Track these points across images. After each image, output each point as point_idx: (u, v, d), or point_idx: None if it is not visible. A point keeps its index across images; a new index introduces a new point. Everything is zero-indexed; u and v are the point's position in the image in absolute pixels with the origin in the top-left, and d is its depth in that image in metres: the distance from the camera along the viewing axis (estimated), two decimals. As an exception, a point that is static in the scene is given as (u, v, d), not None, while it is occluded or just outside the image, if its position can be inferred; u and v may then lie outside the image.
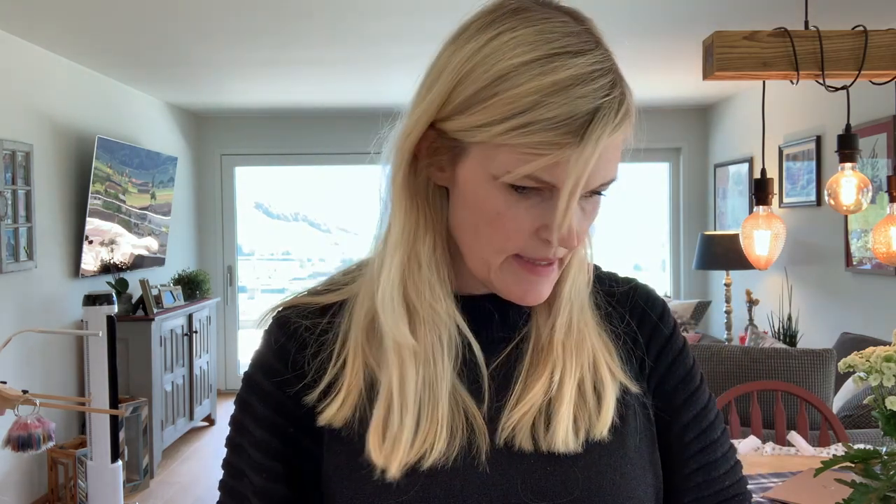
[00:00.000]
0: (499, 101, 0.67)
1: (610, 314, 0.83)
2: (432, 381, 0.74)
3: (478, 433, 0.74)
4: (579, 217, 0.72)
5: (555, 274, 0.76)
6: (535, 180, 0.69)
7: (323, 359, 0.78)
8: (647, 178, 7.06)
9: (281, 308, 0.83)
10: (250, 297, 7.87)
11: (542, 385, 0.75)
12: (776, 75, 2.17)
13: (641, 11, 3.73)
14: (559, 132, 0.66)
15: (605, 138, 0.67)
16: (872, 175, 4.01)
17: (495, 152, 0.69)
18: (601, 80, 0.68)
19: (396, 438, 0.72)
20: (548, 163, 0.67)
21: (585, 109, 0.67)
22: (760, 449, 2.40)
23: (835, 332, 4.35)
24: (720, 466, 0.85)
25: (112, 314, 3.41)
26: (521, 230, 0.71)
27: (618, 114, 0.68)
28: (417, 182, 0.76)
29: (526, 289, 0.75)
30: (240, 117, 6.85)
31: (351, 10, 3.66)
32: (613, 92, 0.69)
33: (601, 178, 0.71)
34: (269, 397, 0.79)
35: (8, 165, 3.90)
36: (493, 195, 0.71)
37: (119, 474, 3.41)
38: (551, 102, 0.66)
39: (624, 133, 0.71)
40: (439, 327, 0.75)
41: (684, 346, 0.86)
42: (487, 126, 0.68)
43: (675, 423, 0.83)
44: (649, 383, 0.83)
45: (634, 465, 0.78)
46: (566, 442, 0.74)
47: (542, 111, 0.66)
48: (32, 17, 3.71)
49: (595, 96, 0.67)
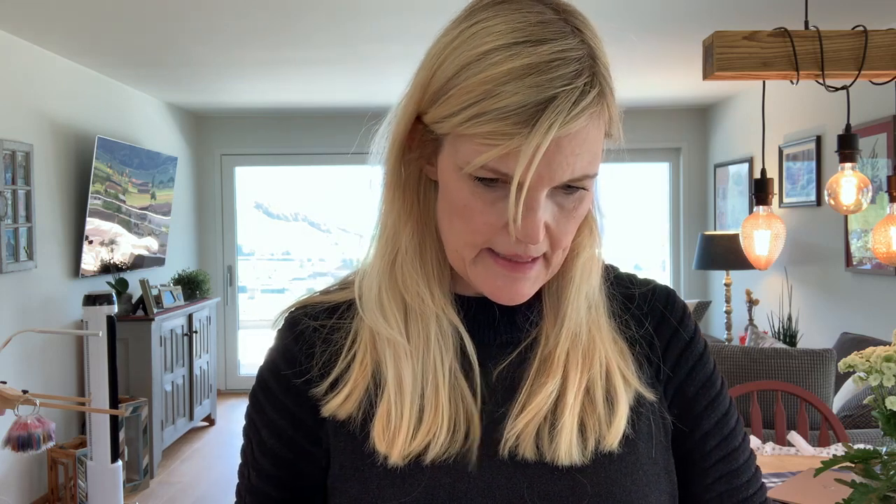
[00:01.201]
0: (459, 90, 0.67)
1: (626, 318, 0.80)
2: (429, 373, 0.74)
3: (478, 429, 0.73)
4: (553, 213, 0.70)
5: (536, 273, 0.72)
6: (492, 171, 0.67)
7: (331, 358, 0.78)
8: (647, 178, 7.07)
9: (294, 308, 0.83)
10: (250, 297, 7.86)
11: (546, 394, 0.73)
12: (776, 75, 2.17)
13: (641, 11, 3.73)
14: (509, 122, 0.64)
15: (556, 128, 0.64)
16: (872, 175, 4.00)
17: (459, 143, 0.68)
18: (562, 70, 0.65)
19: (397, 426, 0.72)
20: (500, 153, 0.65)
21: (538, 99, 0.64)
22: (760, 449, 2.40)
23: (835, 332, 4.35)
24: (742, 474, 0.82)
25: (112, 314, 3.41)
26: (490, 224, 0.69)
27: (577, 104, 0.65)
28: (409, 175, 0.76)
29: (499, 285, 0.72)
30: (240, 117, 6.85)
31: (350, 10, 3.66)
32: (576, 82, 0.65)
33: (569, 173, 0.67)
34: (274, 397, 0.80)
35: (8, 165, 3.90)
36: (461, 187, 0.69)
37: (119, 474, 3.41)
38: (503, 91, 0.64)
39: (592, 125, 0.67)
40: (430, 319, 0.75)
41: (705, 351, 0.82)
42: (450, 116, 0.67)
43: (696, 431, 0.80)
44: (667, 389, 0.80)
45: (647, 471, 0.75)
46: (569, 454, 0.72)
47: (493, 101, 0.65)
48: (32, 17, 3.71)
49: (551, 86, 0.64)
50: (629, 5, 3.63)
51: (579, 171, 0.68)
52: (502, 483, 0.72)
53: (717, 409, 0.81)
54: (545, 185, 0.67)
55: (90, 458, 3.40)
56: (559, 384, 0.74)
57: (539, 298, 0.78)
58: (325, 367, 0.78)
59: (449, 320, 0.76)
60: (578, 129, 0.66)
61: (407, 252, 0.76)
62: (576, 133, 0.66)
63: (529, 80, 0.64)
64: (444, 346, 0.75)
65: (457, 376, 0.75)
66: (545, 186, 0.67)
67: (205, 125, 6.90)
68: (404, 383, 0.73)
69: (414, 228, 0.76)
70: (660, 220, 7.05)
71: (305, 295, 0.85)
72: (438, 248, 0.77)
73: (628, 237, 7.23)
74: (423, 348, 0.74)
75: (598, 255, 0.78)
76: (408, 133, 0.74)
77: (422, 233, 0.76)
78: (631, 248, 7.30)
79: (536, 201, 0.67)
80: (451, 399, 0.74)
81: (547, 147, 0.65)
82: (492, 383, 0.76)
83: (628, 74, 5.15)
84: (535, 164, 0.65)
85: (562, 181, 0.68)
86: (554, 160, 0.66)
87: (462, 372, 0.75)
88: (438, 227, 0.76)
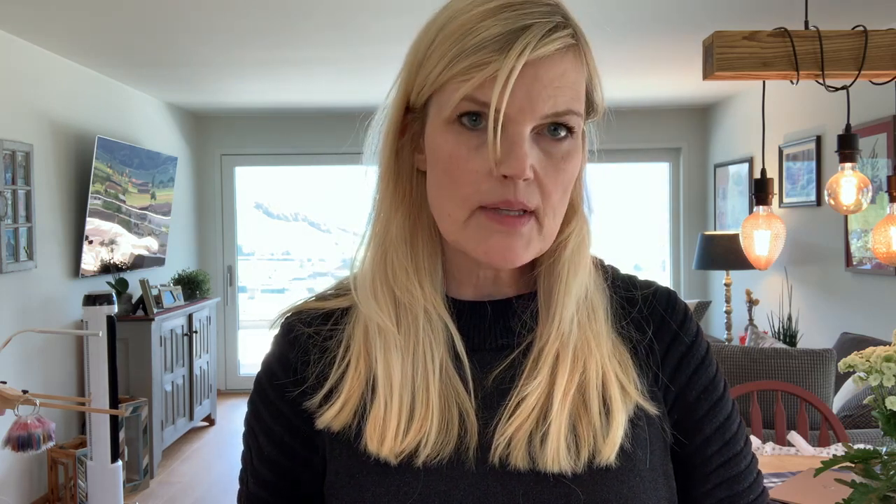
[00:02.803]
0: (438, 45, 0.69)
1: (626, 322, 0.79)
2: (419, 367, 0.73)
3: (471, 433, 0.72)
4: (540, 159, 0.69)
5: (528, 231, 0.70)
6: (472, 101, 0.68)
7: (325, 365, 0.78)
8: (647, 178, 7.07)
9: (290, 314, 0.83)
10: (250, 297, 7.86)
11: (534, 398, 0.72)
12: (776, 75, 2.17)
13: (642, 11, 3.73)
14: (487, 51, 0.66)
15: (529, 51, 0.66)
16: (872, 175, 4.01)
17: (441, 96, 0.70)
18: (535, 8, 0.68)
19: (387, 421, 0.72)
20: (478, 82, 0.67)
21: (513, 27, 0.67)
22: (760, 449, 2.40)
23: (835, 332, 4.35)
24: (743, 480, 0.81)
25: (112, 314, 3.41)
26: (476, 171, 0.69)
27: (551, 33, 0.67)
28: (401, 168, 0.77)
29: (492, 244, 0.70)
30: (240, 117, 6.85)
31: (350, 10, 3.66)
32: (550, 17, 0.68)
33: (552, 105, 0.68)
34: (271, 405, 0.80)
35: (8, 165, 3.90)
36: (447, 139, 0.70)
37: (119, 474, 3.41)
38: (480, 26, 0.67)
39: (570, 64, 0.69)
40: (418, 312, 0.74)
41: (707, 355, 0.81)
42: (432, 72, 0.70)
43: (697, 436, 0.79)
44: (667, 395, 0.78)
45: (644, 479, 0.74)
46: (556, 461, 0.70)
47: (470, 38, 0.67)
48: (32, 17, 3.71)
49: (525, 18, 0.67)
50: (629, 5, 3.63)
51: (562, 104, 0.69)
52: (497, 490, 0.71)
53: (718, 414, 0.80)
54: (528, 119, 0.68)
55: (90, 458, 3.40)
56: (546, 385, 0.72)
57: (534, 301, 0.77)
58: (320, 376, 0.78)
59: (438, 315, 0.75)
60: (556, 61, 0.68)
61: (397, 240, 0.76)
62: (553, 64, 0.68)
63: (504, 15, 0.67)
64: (433, 340, 0.74)
65: (449, 374, 0.74)
66: (528, 120, 0.68)
67: (205, 125, 6.90)
68: (394, 377, 0.73)
69: (405, 215, 0.76)
70: (660, 220, 7.05)
71: (303, 299, 0.84)
72: (430, 242, 0.77)
73: (628, 237, 7.23)
74: (412, 341, 0.74)
75: (587, 250, 0.78)
76: (399, 124, 0.75)
77: (413, 223, 0.76)
78: (631, 248, 7.30)
79: (520, 136, 0.68)
80: (441, 395, 0.73)
81: (524, 73, 0.66)
82: (486, 387, 0.75)
83: (628, 74, 5.15)
84: (509, 86, 0.65)
85: (544, 113, 0.68)
86: (533, 89, 0.67)
87: (455, 372, 0.74)
88: (430, 214, 0.76)
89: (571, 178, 0.72)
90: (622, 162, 6.77)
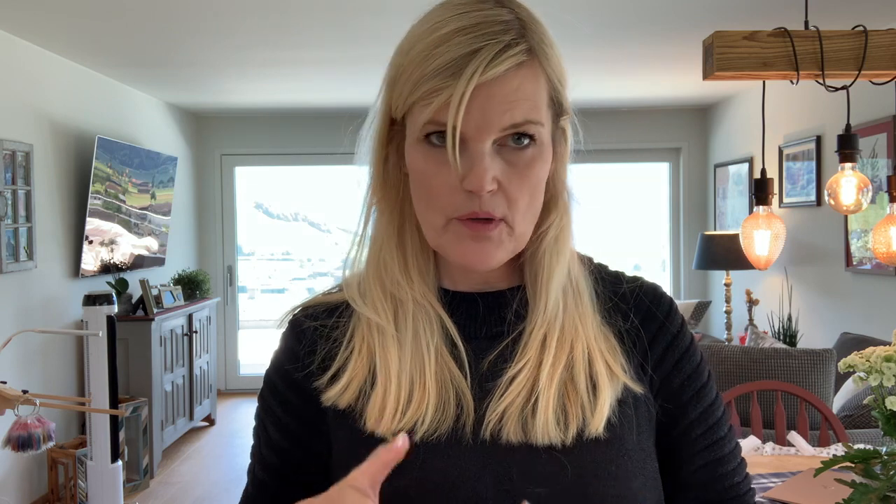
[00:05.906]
0: (405, 68, 0.74)
1: (614, 312, 0.83)
2: (416, 356, 0.78)
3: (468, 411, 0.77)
4: (503, 169, 0.73)
5: (499, 235, 0.75)
6: (434, 124, 0.72)
7: (331, 353, 0.82)
8: (647, 178, 7.07)
9: (297, 310, 0.87)
10: (250, 297, 7.86)
11: (523, 376, 0.77)
12: (776, 75, 2.17)
13: (642, 12, 3.73)
14: (441, 77, 0.70)
15: (479, 74, 0.69)
16: (872, 175, 4.01)
17: (412, 116, 0.75)
18: (487, 29, 0.71)
19: (385, 404, 0.76)
20: (437, 106, 0.71)
21: (464, 52, 0.70)
22: (760, 449, 2.40)
23: (835, 332, 4.35)
24: (727, 463, 0.85)
25: (112, 314, 3.41)
26: (446, 184, 0.73)
27: (501, 54, 0.70)
28: (389, 173, 0.82)
29: (465, 249, 0.75)
30: (240, 117, 6.85)
31: (350, 10, 3.66)
32: (501, 37, 0.71)
33: (508, 119, 0.72)
34: (280, 395, 0.84)
35: (8, 165, 3.90)
36: (419, 157, 0.75)
37: (119, 474, 3.41)
38: (436, 52, 0.71)
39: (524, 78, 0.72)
40: (409, 305, 0.79)
41: (691, 344, 0.85)
42: (402, 94, 0.74)
43: (682, 420, 0.83)
44: (653, 381, 0.82)
45: (633, 457, 0.78)
46: (546, 434, 0.75)
47: (429, 63, 0.71)
48: (33, 17, 3.71)
49: (476, 41, 0.70)
50: (630, 5, 3.63)
51: (520, 116, 0.72)
52: (492, 463, 0.75)
53: (703, 400, 0.84)
54: (485, 135, 0.72)
55: (90, 458, 3.40)
56: (535, 363, 0.77)
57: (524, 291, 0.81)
58: (325, 361, 0.82)
59: (430, 305, 0.80)
60: (508, 78, 0.71)
61: (387, 238, 0.81)
62: (506, 81, 0.71)
63: (456, 40, 0.71)
64: (428, 331, 0.79)
65: (445, 360, 0.78)
66: (486, 137, 0.72)
67: (205, 125, 6.90)
68: (391, 367, 0.77)
69: (394, 213, 0.82)
70: (660, 220, 7.05)
71: (308, 297, 0.89)
72: (419, 240, 0.81)
73: (628, 237, 7.24)
74: (408, 332, 0.79)
75: (568, 237, 0.82)
76: (386, 134, 0.80)
77: (401, 221, 0.81)
78: (631, 248, 7.30)
79: (479, 152, 0.72)
80: (438, 379, 0.77)
81: (477, 94, 0.70)
82: (481, 371, 0.79)
83: (629, 74, 5.15)
84: (461, 110, 0.70)
85: (502, 127, 0.72)
86: (488, 107, 0.71)
87: (451, 357, 0.79)
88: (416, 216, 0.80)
89: (538, 181, 0.76)
90: (622, 162, 6.77)
